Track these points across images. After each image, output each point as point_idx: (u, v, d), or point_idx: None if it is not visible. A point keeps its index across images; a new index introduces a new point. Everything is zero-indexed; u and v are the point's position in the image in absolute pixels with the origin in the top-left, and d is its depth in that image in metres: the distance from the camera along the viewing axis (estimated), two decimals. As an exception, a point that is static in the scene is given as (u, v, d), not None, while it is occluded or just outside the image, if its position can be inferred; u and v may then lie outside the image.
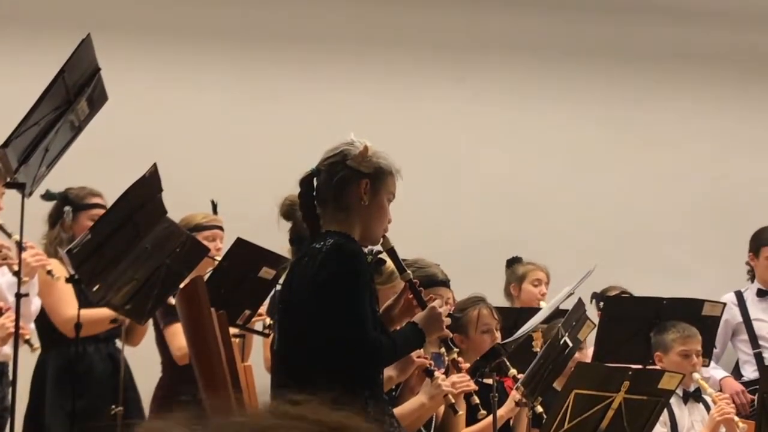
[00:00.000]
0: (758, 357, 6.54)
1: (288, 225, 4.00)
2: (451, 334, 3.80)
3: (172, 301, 4.70)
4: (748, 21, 7.77)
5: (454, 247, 6.76)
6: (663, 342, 5.35)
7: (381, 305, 3.68)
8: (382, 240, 3.60)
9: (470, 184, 7.23)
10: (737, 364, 6.67)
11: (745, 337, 6.61)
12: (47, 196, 4.97)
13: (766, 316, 6.62)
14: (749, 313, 6.61)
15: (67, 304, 4.85)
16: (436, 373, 4.15)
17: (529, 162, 7.39)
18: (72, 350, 4.85)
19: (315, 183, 3.52)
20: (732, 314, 6.60)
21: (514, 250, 6.50)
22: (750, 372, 6.56)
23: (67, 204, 5.06)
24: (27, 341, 4.47)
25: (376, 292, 3.53)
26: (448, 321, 3.63)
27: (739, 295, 6.63)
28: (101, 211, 5.05)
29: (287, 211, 3.75)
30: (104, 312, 4.59)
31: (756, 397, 5.95)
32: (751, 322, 6.60)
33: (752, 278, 6.73)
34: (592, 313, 5.55)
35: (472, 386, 4.17)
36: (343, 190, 3.47)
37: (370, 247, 3.75)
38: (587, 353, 5.46)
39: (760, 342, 6.59)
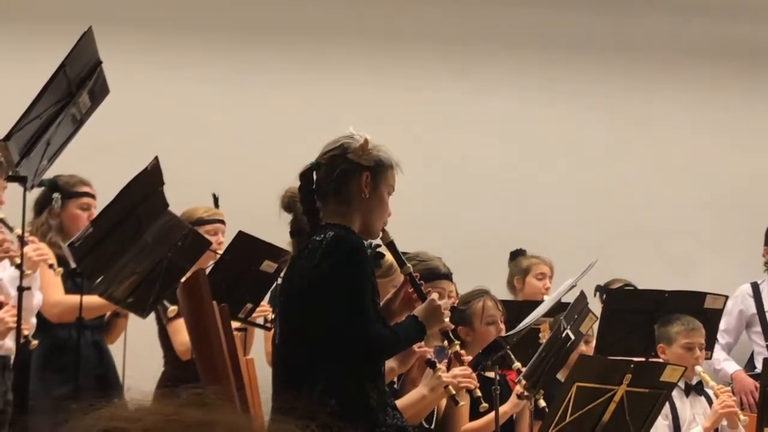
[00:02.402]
0: None
1: (289, 217, 3.99)
2: (451, 326, 3.80)
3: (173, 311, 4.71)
4: (755, 14, 7.76)
5: (456, 240, 6.76)
6: (667, 334, 5.36)
7: (381, 299, 3.68)
8: (381, 234, 3.60)
9: (473, 177, 7.23)
10: (751, 356, 6.67)
11: (758, 329, 6.61)
12: (38, 183, 4.96)
13: None
14: (764, 305, 6.61)
15: (53, 289, 4.86)
16: (438, 365, 4.16)
17: (532, 155, 7.38)
18: (57, 336, 4.88)
19: (315, 176, 3.52)
20: (747, 305, 6.61)
21: (517, 243, 6.50)
22: None
23: (56, 191, 5.05)
24: (26, 337, 4.46)
25: (376, 284, 3.53)
26: (448, 313, 3.63)
27: (755, 287, 6.63)
28: (90, 200, 5.08)
29: (288, 203, 3.74)
30: (96, 299, 4.59)
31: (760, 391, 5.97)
32: (765, 314, 6.60)
33: None
34: (596, 305, 5.56)
35: (474, 383, 4.17)
36: (344, 183, 3.48)
37: (369, 240, 3.75)
38: (594, 346, 5.47)
39: None
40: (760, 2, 7.78)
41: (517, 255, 6.42)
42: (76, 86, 4.28)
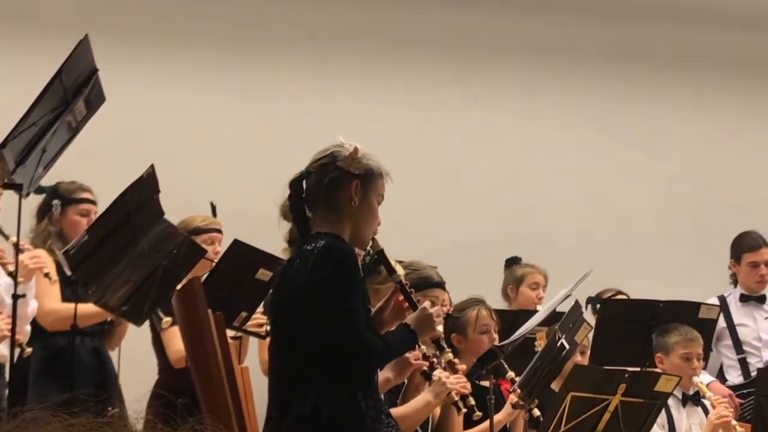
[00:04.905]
0: (743, 362, 6.54)
1: (288, 226, 3.99)
2: (443, 335, 3.80)
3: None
4: (749, 25, 7.78)
5: (452, 248, 6.76)
6: (665, 344, 5.36)
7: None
8: (371, 242, 3.61)
9: (469, 186, 7.23)
10: (721, 368, 6.66)
11: (728, 342, 6.60)
12: (38, 190, 4.97)
13: (750, 321, 6.63)
14: (733, 318, 6.60)
15: (48, 298, 4.87)
16: (437, 372, 4.16)
17: (527, 164, 7.39)
18: (55, 343, 4.88)
19: (305, 185, 3.52)
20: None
21: (512, 252, 6.50)
22: (735, 377, 6.56)
23: (56, 197, 5.07)
24: (20, 345, 4.46)
25: (367, 292, 3.53)
26: (440, 321, 3.63)
27: (723, 300, 6.62)
28: (90, 206, 5.10)
29: (288, 212, 3.75)
30: (92, 307, 4.59)
31: (746, 402, 5.98)
32: (735, 327, 6.60)
33: (734, 283, 6.74)
34: (589, 317, 5.55)
35: (468, 388, 4.18)
36: (334, 191, 3.48)
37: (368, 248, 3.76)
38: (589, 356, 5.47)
39: (745, 347, 6.58)
40: (758, 13, 7.80)
41: (512, 263, 6.42)
42: (72, 94, 4.28)
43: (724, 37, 7.74)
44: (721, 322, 6.48)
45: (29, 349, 4.57)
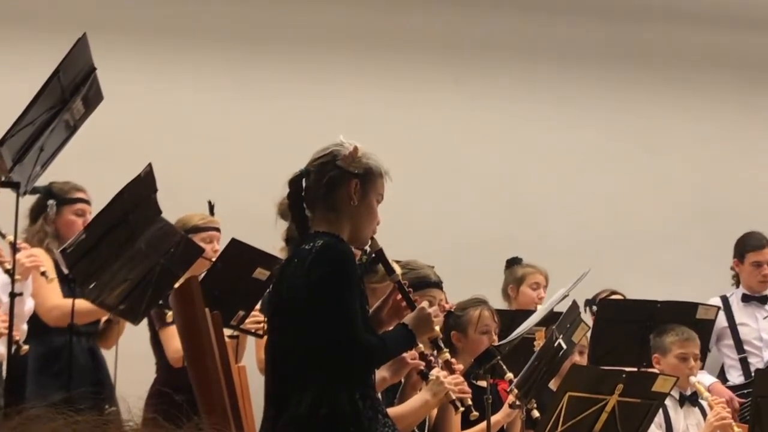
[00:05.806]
0: (744, 362, 6.55)
1: (285, 225, 4.00)
2: (441, 334, 3.81)
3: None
4: (749, 25, 7.78)
5: (450, 248, 6.77)
6: (662, 344, 5.36)
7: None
8: (370, 241, 3.61)
9: (467, 186, 7.24)
10: (722, 368, 6.66)
11: (730, 342, 6.61)
12: (32, 190, 4.97)
13: (752, 321, 6.64)
14: (735, 317, 6.61)
15: (50, 293, 4.88)
16: (434, 371, 4.16)
17: (525, 164, 7.39)
18: (52, 342, 4.88)
19: (304, 184, 3.52)
20: (717, 319, 6.61)
21: (510, 251, 6.50)
22: (735, 377, 6.56)
23: (51, 198, 5.08)
24: (17, 342, 4.47)
25: (365, 292, 3.53)
26: (439, 321, 3.63)
27: (725, 300, 6.63)
28: (85, 206, 5.12)
29: (285, 211, 3.75)
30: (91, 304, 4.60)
31: (747, 401, 5.97)
32: (737, 327, 6.61)
33: (737, 283, 6.74)
34: (587, 319, 5.55)
35: (466, 390, 4.17)
36: (333, 191, 3.48)
37: (365, 247, 3.76)
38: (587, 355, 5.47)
39: (746, 347, 6.59)
40: (753, 14, 7.80)
41: (513, 263, 6.42)
42: (70, 92, 4.28)
43: (724, 37, 7.74)
44: (723, 322, 6.49)
45: (26, 347, 4.58)
